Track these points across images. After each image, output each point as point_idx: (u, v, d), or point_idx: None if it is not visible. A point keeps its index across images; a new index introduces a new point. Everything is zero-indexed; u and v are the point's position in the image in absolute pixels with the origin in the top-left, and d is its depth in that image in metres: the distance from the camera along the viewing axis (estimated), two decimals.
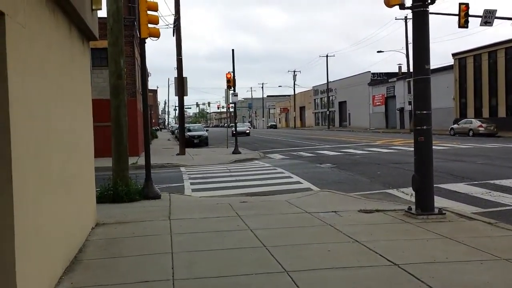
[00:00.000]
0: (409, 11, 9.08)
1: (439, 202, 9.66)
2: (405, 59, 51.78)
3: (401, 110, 60.84)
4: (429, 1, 8.72)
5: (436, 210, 8.59)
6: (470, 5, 26.40)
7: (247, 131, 57.86)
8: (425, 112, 8.75)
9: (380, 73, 74.08)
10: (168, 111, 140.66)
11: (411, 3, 8.86)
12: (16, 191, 4.11)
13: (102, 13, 16.54)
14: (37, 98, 5.01)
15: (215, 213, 9.46)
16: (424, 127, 8.74)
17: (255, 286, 5.32)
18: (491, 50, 45.33)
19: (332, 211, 9.33)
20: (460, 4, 26.49)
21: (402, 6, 9.10)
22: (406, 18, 51.76)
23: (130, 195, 11.29)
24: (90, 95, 8.78)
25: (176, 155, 26.98)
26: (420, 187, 8.68)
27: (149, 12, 11.91)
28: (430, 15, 8.96)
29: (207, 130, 45.43)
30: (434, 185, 9.06)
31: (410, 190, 9.88)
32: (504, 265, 5.82)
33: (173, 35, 27.44)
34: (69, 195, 6.47)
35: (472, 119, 41.89)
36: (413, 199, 9.17)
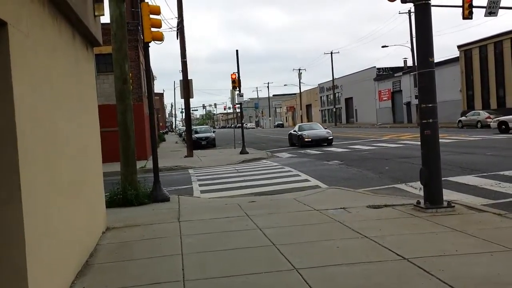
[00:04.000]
0: (412, 4, 9.06)
1: (448, 195, 9.62)
2: (410, 53, 51.61)
3: (408, 104, 60.58)
4: None
5: (445, 203, 8.57)
6: None
7: (330, 138, 30.83)
8: (430, 105, 8.72)
9: (385, 68, 73.74)
10: (175, 114, 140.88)
11: None
12: (25, 198, 4.16)
13: (106, 19, 16.59)
14: (43, 105, 5.06)
15: (224, 214, 9.49)
16: (430, 120, 8.72)
17: (265, 285, 5.34)
18: (497, 40, 44.98)
19: (341, 208, 9.33)
20: None
21: (404, 0, 9.08)
22: (409, 12, 51.53)
23: (139, 199, 11.36)
24: (96, 101, 8.84)
25: (184, 157, 27.07)
26: (428, 180, 8.65)
27: (152, 16, 12.00)
28: (432, 8, 8.95)
29: (214, 132, 45.38)
30: (443, 178, 9.04)
31: (419, 184, 9.85)
32: None
33: (177, 38, 27.51)
34: (78, 200, 6.53)
35: (480, 111, 41.54)
36: (422, 193, 9.15)
